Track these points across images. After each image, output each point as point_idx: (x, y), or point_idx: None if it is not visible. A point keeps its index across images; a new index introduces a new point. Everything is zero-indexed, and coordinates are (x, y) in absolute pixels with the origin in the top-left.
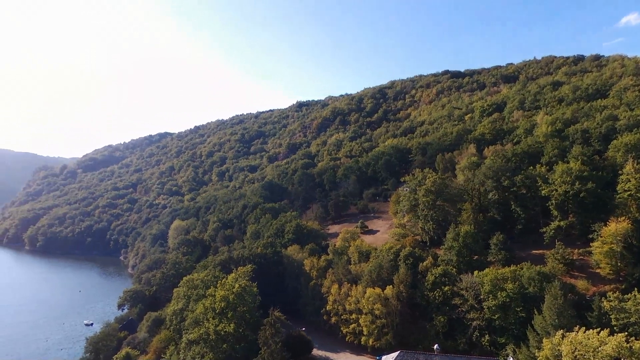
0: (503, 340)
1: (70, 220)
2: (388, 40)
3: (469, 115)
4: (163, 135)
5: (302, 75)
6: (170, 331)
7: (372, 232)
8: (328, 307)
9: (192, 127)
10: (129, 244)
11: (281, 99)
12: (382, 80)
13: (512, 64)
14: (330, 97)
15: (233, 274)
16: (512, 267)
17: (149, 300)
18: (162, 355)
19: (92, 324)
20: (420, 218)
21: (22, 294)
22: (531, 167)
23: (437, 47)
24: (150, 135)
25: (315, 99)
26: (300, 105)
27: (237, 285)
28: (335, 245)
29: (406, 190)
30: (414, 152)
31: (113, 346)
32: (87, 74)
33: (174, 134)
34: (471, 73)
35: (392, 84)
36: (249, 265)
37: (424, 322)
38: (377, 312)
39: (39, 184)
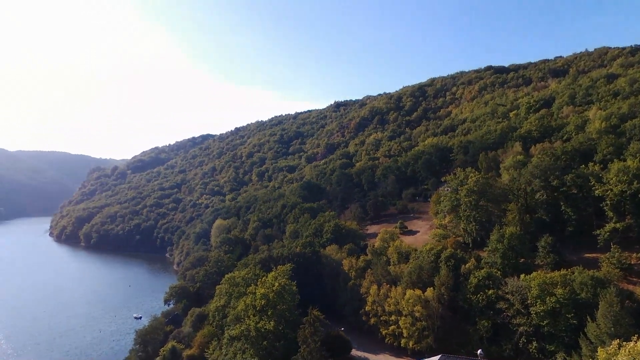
0: (552, 348)
1: (121, 219)
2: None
3: (514, 112)
4: (205, 137)
5: (339, 75)
6: (213, 327)
7: (411, 232)
8: (367, 308)
9: (233, 129)
10: (174, 242)
11: (319, 100)
12: (422, 78)
13: (561, 57)
14: (368, 97)
15: (273, 273)
16: (562, 271)
17: (193, 296)
18: (205, 350)
19: (140, 318)
20: (462, 219)
21: (79, 288)
22: (583, 166)
23: (479, 42)
24: (194, 137)
25: (353, 99)
26: (337, 106)
27: (276, 284)
28: (374, 245)
29: (447, 190)
30: (455, 151)
31: (160, 339)
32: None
33: (215, 135)
34: (516, 68)
35: (432, 82)
36: (288, 264)
37: (466, 326)
38: (417, 314)
39: (93, 184)
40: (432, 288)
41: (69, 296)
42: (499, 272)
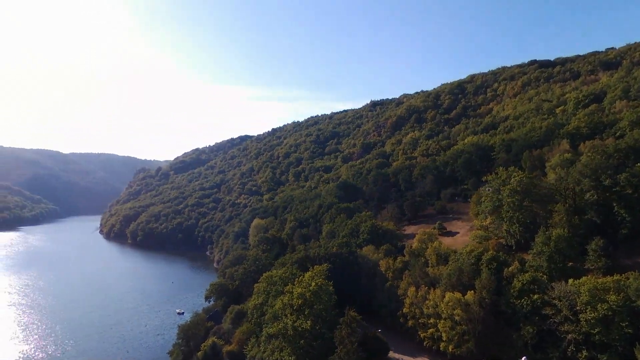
0: (605, 358)
1: (164, 218)
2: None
3: (560, 108)
4: (244, 138)
5: (375, 75)
6: (251, 324)
7: (450, 233)
8: (404, 310)
9: (270, 130)
10: (214, 240)
11: (355, 100)
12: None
13: (613, 48)
14: (405, 95)
15: (309, 272)
16: (616, 277)
17: (232, 293)
18: (244, 347)
19: (183, 313)
20: (505, 220)
21: (126, 283)
22: (638, 164)
23: (521, 36)
24: (232, 138)
25: (389, 98)
26: (374, 105)
27: (313, 284)
28: (411, 246)
29: (488, 190)
30: (496, 150)
31: (201, 335)
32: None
33: (253, 136)
34: (563, 62)
35: (472, 78)
36: (325, 264)
37: (509, 332)
38: (457, 317)
39: (139, 185)
40: (472, 291)
41: (117, 291)
42: (544, 276)
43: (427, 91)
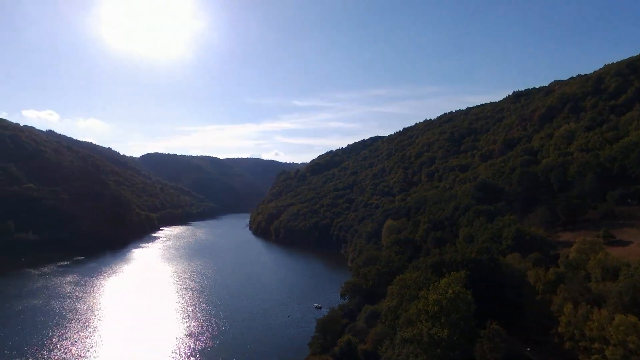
0: None
1: (302, 217)
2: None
3: None
4: (375, 139)
5: (517, 61)
6: (385, 326)
7: (621, 243)
8: (560, 329)
9: (401, 129)
10: (348, 239)
11: (495, 92)
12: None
13: None
14: (556, 82)
15: (445, 278)
16: None
17: (366, 293)
18: (378, 347)
19: (320, 308)
20: None
21: (272, 275)
22: None
23: None
24: (364, 140)
25: (536, 87)
26: (517, 96)
27: (450, 291)
28: (567, 256)
29: None
30: None
31: (337, 330)
32: None
33: (384, 137)
34: None
35: None
36: (463, 271)
37: None
38: (631, 345)
39: (280, 186)
40: None
41: (264, 282)
42: None
43: (585, 75)
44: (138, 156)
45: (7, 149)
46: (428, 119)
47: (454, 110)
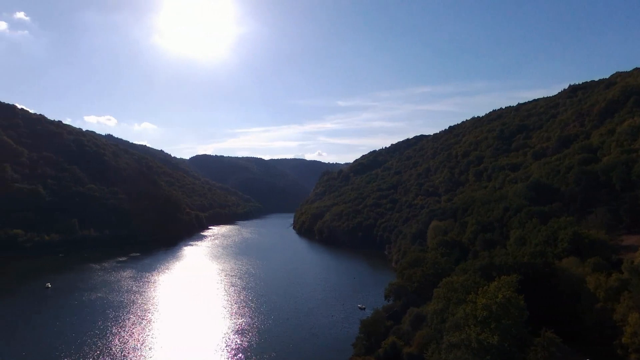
0: None
1: (345, 217)
2: None
3: None
4: (419, 138)
5: (574, 53)
6: (431, 329)
7: None
8: (624, 340)
9: (446, 128)
10: (392, 240)
11: (549, 87)
12: None
13: None
14: (618, 74)
15: (495, 282)
16: None
17: (411, 295)
18: (424, 351)
19: (364, 309)
20: None
21: (316, 274)
22: None
23: None
24: (408, 139)
25: (595, 79)
26: (573, 90)
27: (500, 295)
28: (632, 262)
29: None
30: None
31: (381, 332)
32: None
33: (429, 136)
34: None
35: None
36: (514, 275)
37: None
38: None
39: (323, 186)
40: None
41: (308, 281)
42: None
43: None
44: (188, 158)
45: (71, 152)
46: (476, 116)
47: (503, 107)
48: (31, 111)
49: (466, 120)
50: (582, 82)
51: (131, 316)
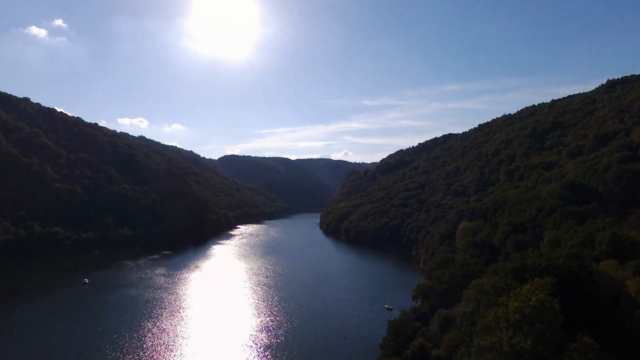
0: None
1: (372, 217)
2: None
3: None
4: (447, 137)
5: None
6: (460, 332)
7: None
8: None
9: (476, 126)
10: (419, 240)
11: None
12: None
13: None
14: None
15: (528, 285)
16: None
17: (439, 296)
18: (453, 354)
19: (392, 310)
20: None
21: (343, 275)
22: None
23: None
24: (436, 138)
25: (636, 74)
26: (612, 85)
27: (533, 298)
28: None
29: None
30: None
31: (408, 333)
32: None
33: (458, 134)
34: None
35: None
36: (548, 278)
37: None
38: None
39: (350, 186)
40: None
41: (334, 281)
42: None
43: None
44: (216, 158)
45: (106, 153)
46: (507, 114)
47: (536, 104)
48: (69, 114)
49: (497, 118)
50: (621, 76)
51: (163, 312)
